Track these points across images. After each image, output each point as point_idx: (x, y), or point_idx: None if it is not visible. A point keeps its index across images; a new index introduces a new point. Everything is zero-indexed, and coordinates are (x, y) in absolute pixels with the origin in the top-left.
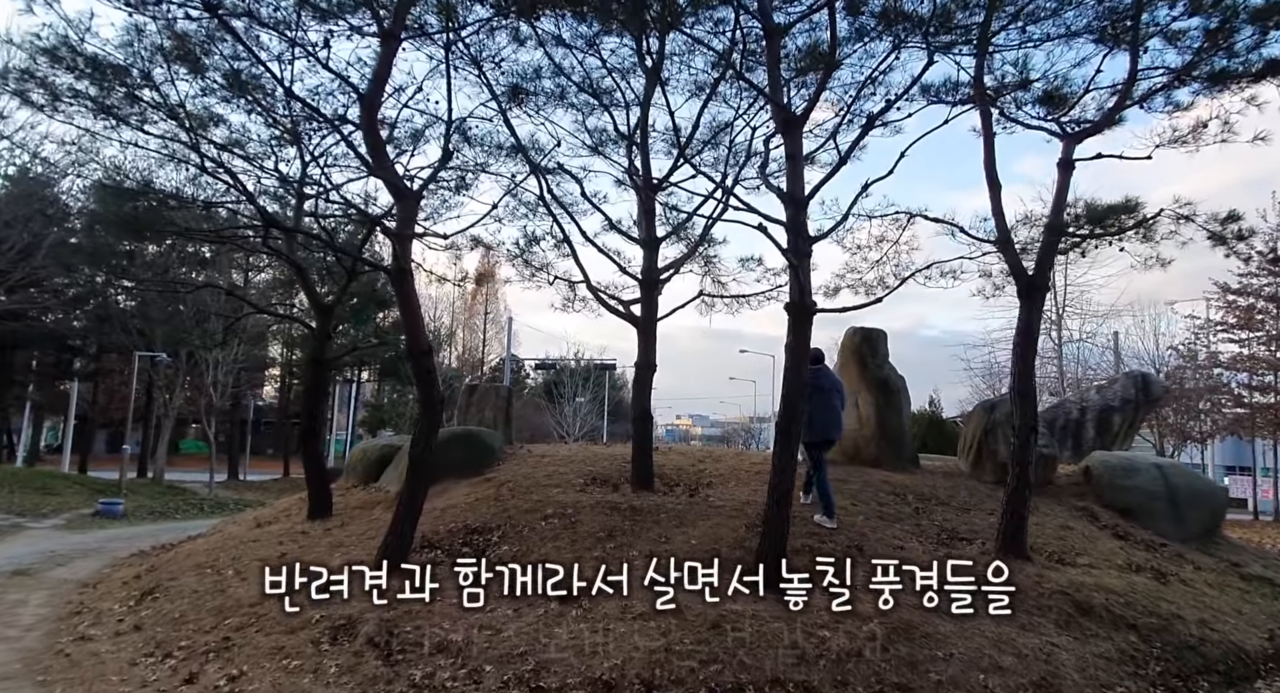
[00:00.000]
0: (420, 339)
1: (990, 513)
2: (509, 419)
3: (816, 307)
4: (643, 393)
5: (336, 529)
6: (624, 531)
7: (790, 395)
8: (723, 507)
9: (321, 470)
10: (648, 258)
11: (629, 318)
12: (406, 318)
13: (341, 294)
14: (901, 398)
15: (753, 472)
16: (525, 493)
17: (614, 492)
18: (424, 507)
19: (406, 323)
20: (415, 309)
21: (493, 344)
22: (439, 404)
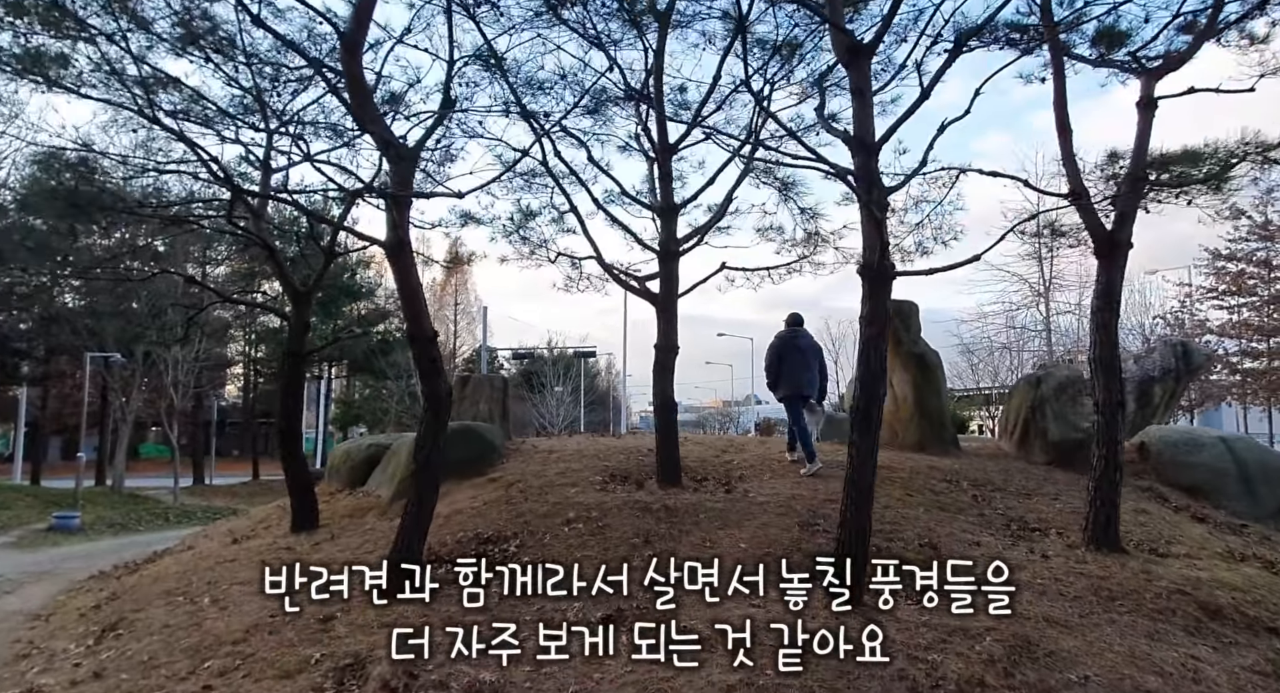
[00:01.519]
0: (423, 323)
1: (1054, 498)
2: (506, 412)
3: (895, 269)
4: (665, 378)
5: (327, 543)
6: (661, 535)
7: (869, 377)
8: (767, 503)
9: (305, 476)
10: (665, 227)
11: (646, 295)
12: (406, 298)
13: (319, 279)
14: (939, 375)
15: (784, 461)
16: (539, 494)
17: (639, 490)
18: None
19: (406, 304)
20: (416, 288)
21: (464, 335)
22: (447, 398)
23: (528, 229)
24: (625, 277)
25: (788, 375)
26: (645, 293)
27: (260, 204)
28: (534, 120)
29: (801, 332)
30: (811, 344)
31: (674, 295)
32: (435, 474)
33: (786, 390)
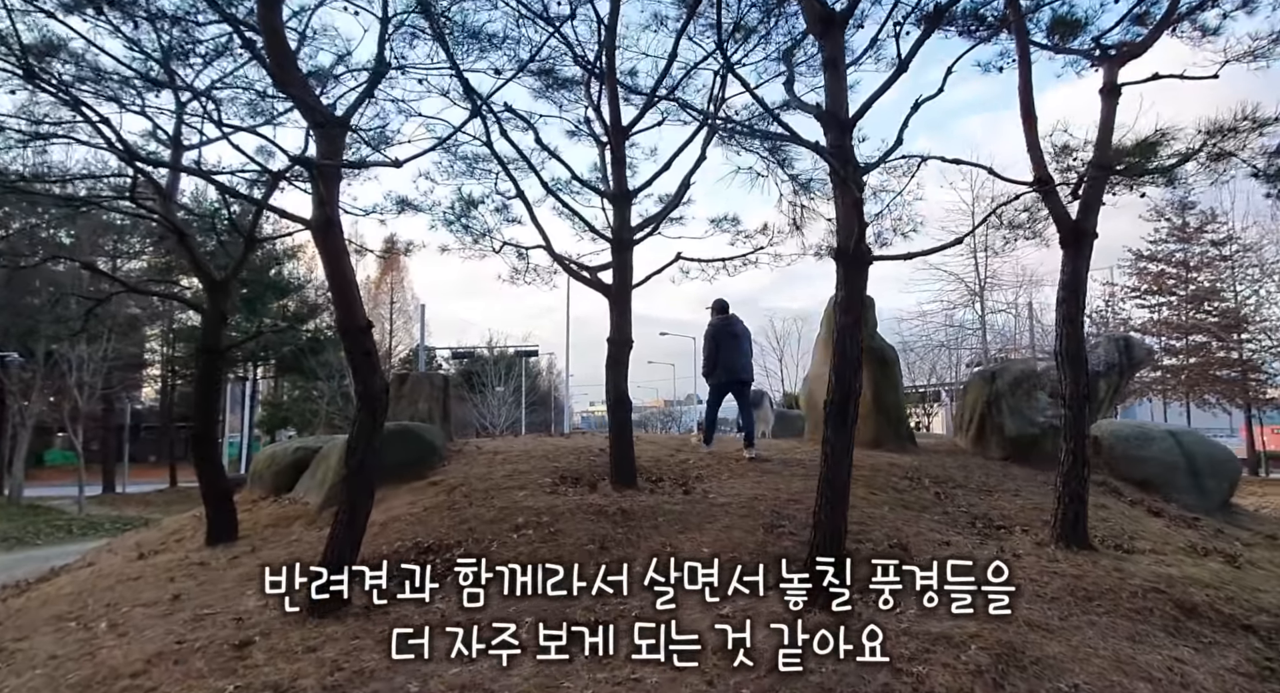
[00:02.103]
0: (355, 312)
1: (1014, 494)
2: (448, 412)
3: (872, 254)
4: (618, 372)
5: (246, 557)
6: (618, 540)
7: (845, 368)
8: (728, 505)
9: (221, 483)
10: (618, 215)
11: (598, 286)
12: (336, 284)
13: (238, 268)
14: (897, 371)
15: (742, 460)
16: (485, 498)
17: (592, 492)
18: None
19: (336, 291)
20: (347, 273)
21: (401, 334)
22: (383, 395)
23: (470, 217)
24: (576, 267)
25: (725, 362)
26: (597, 284)
27: (170, 183)
28: (476, 94)
29: (733, 318)
30: (745, 330)
31: (628, 286)
32: (370, 479)
33: (724, 377)
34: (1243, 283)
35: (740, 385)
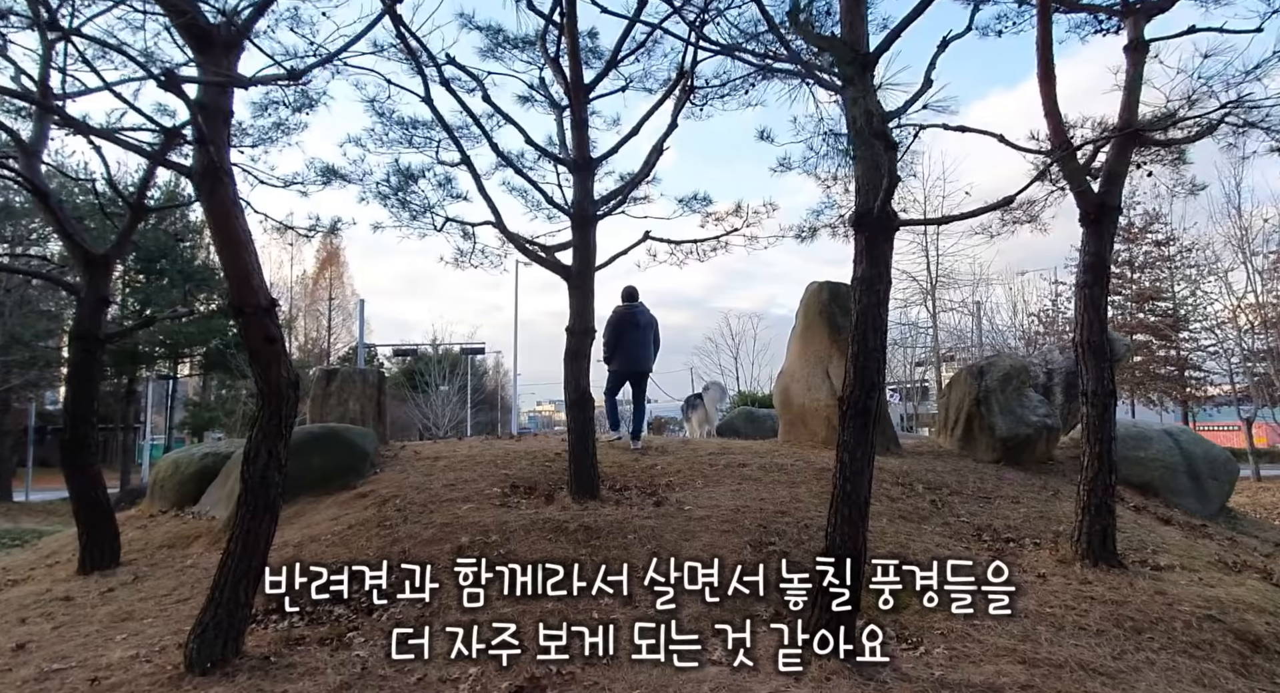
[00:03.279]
0: (252, 286)
1: (1014, 501)
2: (381, 412)
3: (899, 219)
4: (578, 366)
5: (124, 589)
6: (583, 563)
7: (866, 359)
8: (707, 518)
9: (97, 497)
10: (580, 186)
11: (556, 268)
12: (227, 252)
13: (123, 239)
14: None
15: (717, 465)
16: (422, 513)
17: (549, 504)
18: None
19: (228, 259)
20: (240, 236)
21: (339, 332)
22: (288, 390)
23: (409, 192)
24: (531, 246)
25: (624, 351)
26: (555, 265)
27: (35, 138)
28: (410, 43)
29: (639, 306)
30: (649, 319)
31: (590, 267)
32: (272, 494)
33: (622, 366)
34: (1180, 283)
35: (638, 376)
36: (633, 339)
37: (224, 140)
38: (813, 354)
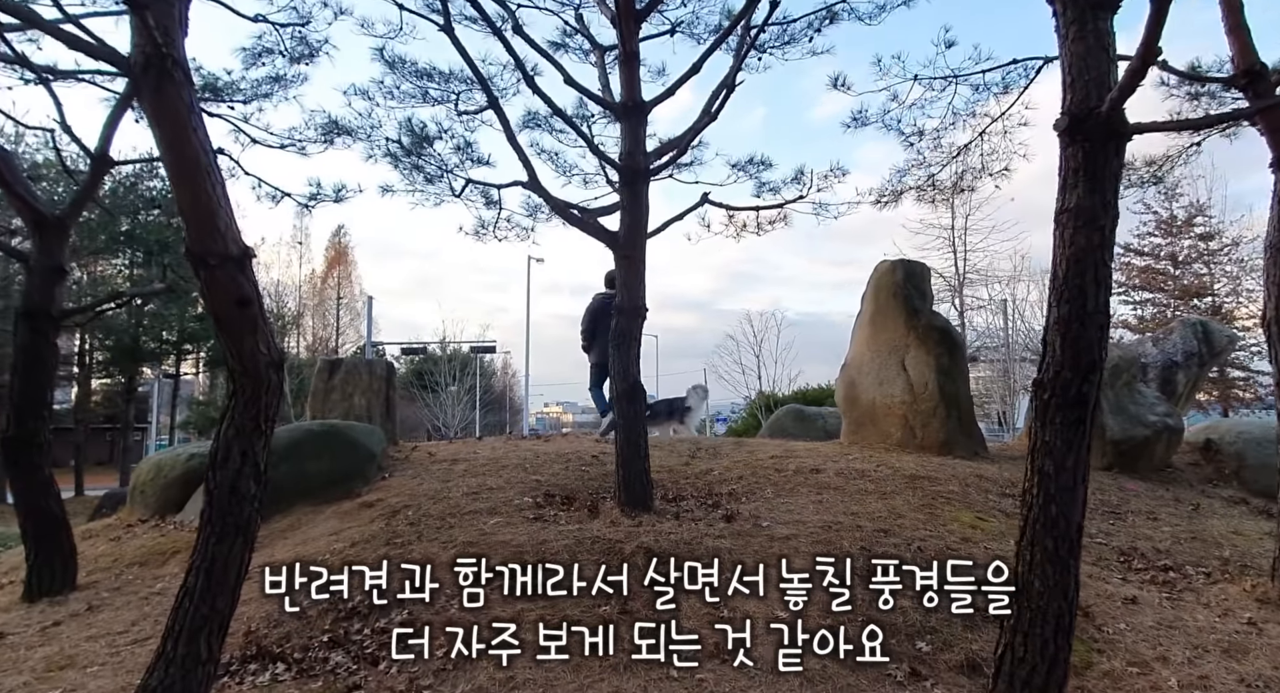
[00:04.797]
0: (215, 228)
1: (1151, 518)
2: (390, 408)
3: (1129, 123)
4: (628, 352)
5: (73, 622)
6: (647, 600)
7: (1085, 328)
8: (793, 538)
9: (48, 507)
10: (630, 134)
11: (601, 235)
12: (182, 181)
13: (84, 197)
14: (964, 357)
15: (784, 470)
16: (440, 528)
17: (593, 518)
18: (253, 564)
19: (184, 193)
20: (200, 159)
21: (347, 331)
22: (268, 373)
23: (424, 153)
24: (573, 211)
25: (602, 342)
26: (599, 232)
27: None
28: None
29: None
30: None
31: (641, 232)
32: (246, 511)
33: (600, 358)
34: (1221, 280)
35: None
36: (608, 329)
37: (176, 19)
38: (884, 343)
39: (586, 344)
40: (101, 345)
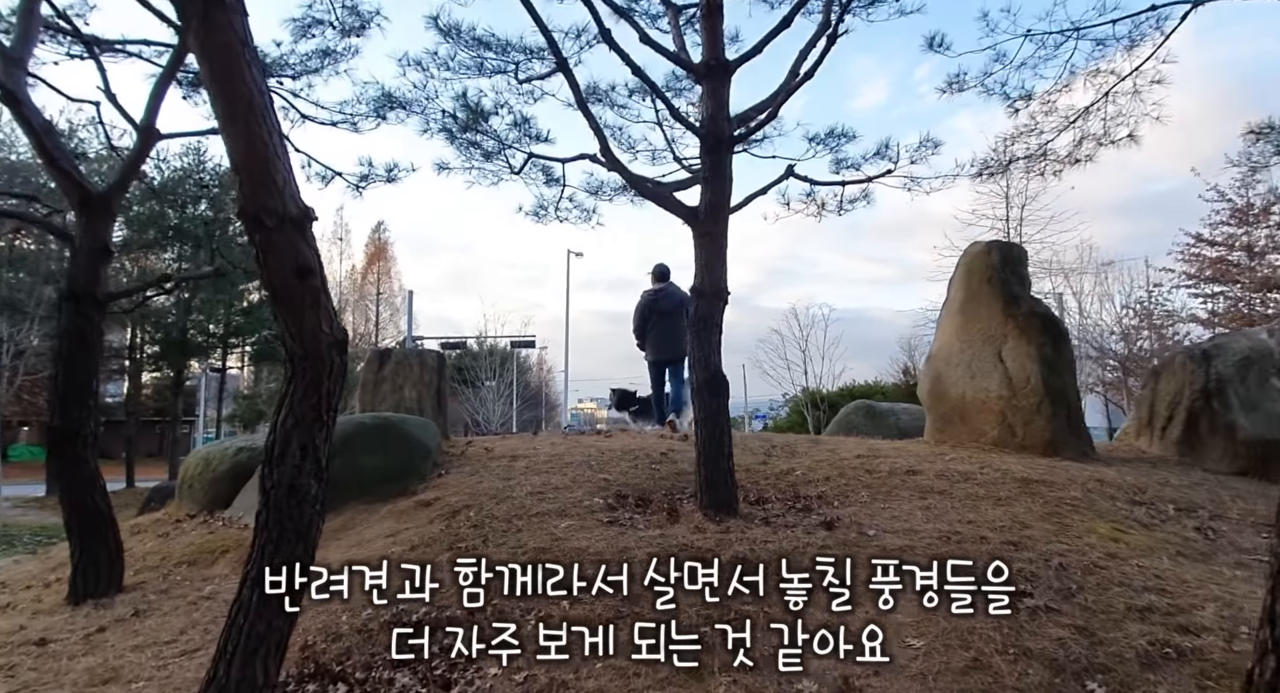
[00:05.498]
0: (273, 182)
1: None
2: (441, 401)
3: None
4: (709, 339)
5: (118, 629)
6: (757, 623)
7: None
8: (908, 549)
9: (95, 503)
10: (713, 97)
11: (679, 210)
12: (234, 127)
13: (130, 172)
14: (1069, 349)
15: (875, 470)
16: (507, 531)
17: (673, 521)
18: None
19: (236, 141)
20: (254, 100)
21: (387, 327)
22: (331, 355)
23: (481, 127)
24: (648, 184)
25: (653, 340)
26: (678, 207)
27: (18, 40)
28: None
29: (667, 290)
30: (679, 302)
31: (724, 206)
32: (307, 514)
33: (655, 355)
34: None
35: (673, 364)
36: (659, 325)
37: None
38: (978, 333)
39: (639, 343)
40: (151, 339)
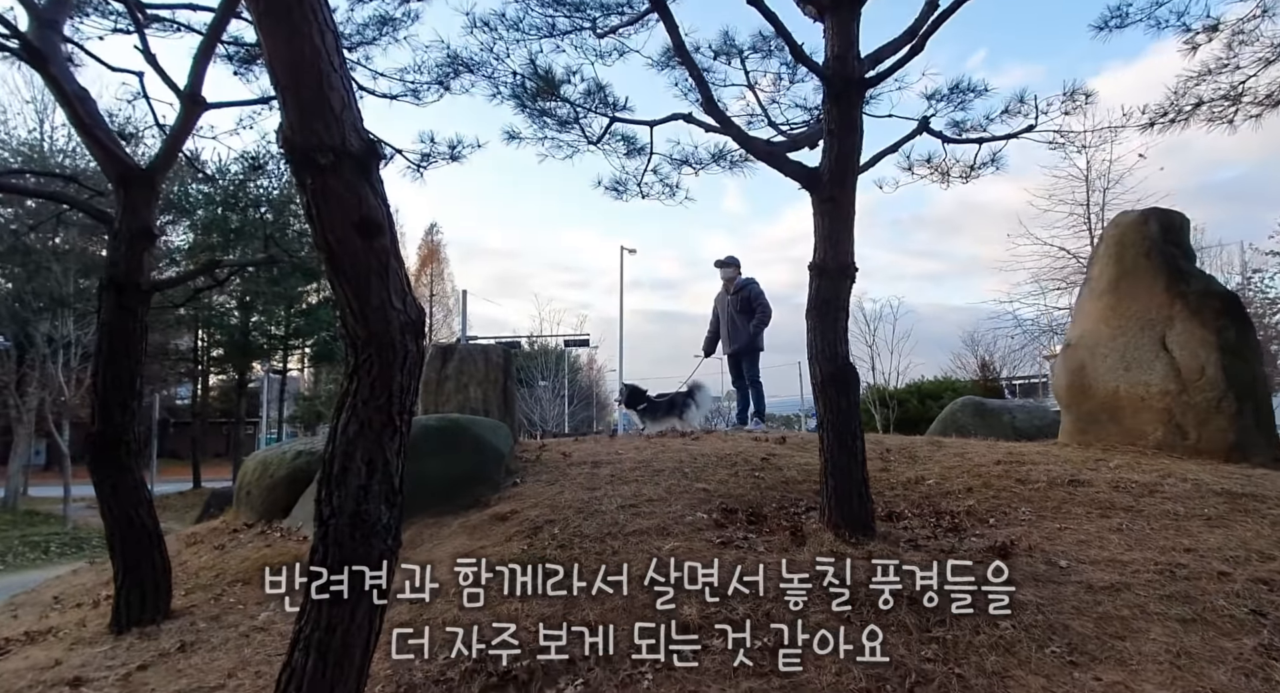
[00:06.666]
0: (330, 108)
1: None
2: (509, 400)
3: None
4: (833, 323)
5: (161, 666)
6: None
7: None
8: (1124, 590)
9: (139, 518)
10: (840, 34)
11: (798, 174)
12: (276, 37)
13: (174, 145)
14: (1254, 335)
15: (1026, 479)
16: (600, 553)
17: (797, 543)
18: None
19: (279, 53)
20: (317, 11)
21: (440, 328)
22: (403, 339)
23: (553, 98)
24: (761, 144)
25: (716, 334)
26: (795, 170)
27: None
28: None
29: (728, 283)
30: (735, 297)
31: (852, 167)
32: (376, 546)
33: (723, 351)
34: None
35: (732, 359)
36: (715, 324)
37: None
38: (1134, 316)
39: (709, 348)
40: (215, 342)
